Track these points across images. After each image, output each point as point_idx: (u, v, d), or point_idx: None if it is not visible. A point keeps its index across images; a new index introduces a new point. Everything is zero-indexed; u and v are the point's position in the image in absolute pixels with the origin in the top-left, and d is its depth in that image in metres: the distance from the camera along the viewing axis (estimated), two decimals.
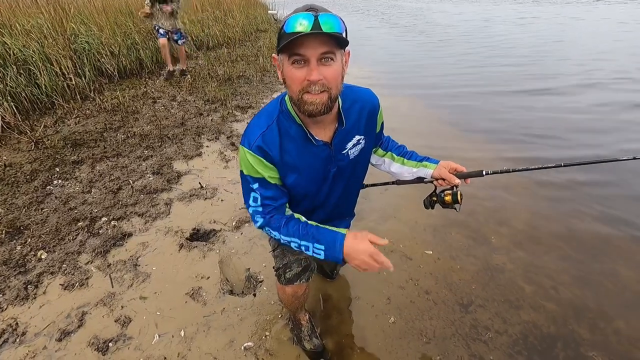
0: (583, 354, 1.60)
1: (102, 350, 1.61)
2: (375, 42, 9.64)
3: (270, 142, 1.08)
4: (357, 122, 1.19)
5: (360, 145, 1.23)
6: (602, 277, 1.99)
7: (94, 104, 4.28)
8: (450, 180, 1.29)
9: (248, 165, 1.10)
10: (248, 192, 1.16)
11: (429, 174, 1.34)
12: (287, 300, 1.48)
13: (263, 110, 1.15)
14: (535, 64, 6.60)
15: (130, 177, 2.91)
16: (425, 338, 1.71)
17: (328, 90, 0.98)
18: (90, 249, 2.17)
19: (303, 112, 1.02)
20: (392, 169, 1.40)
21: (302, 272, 1.36)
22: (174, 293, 1.92)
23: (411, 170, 1.37)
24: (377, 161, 1.43)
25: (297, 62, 0.95)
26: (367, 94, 1.23)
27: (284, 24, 0.93)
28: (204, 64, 6.29)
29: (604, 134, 3.75)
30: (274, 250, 1.40)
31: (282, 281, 1.38)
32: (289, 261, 1.34)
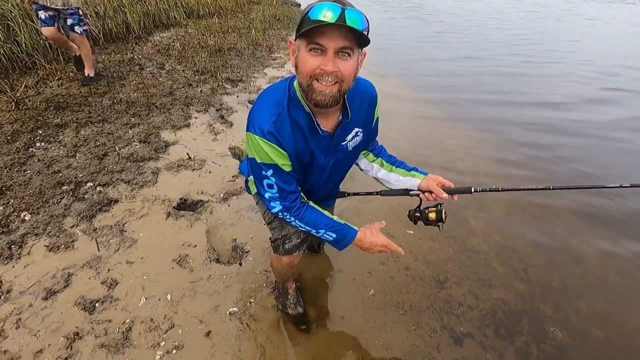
0: (545, 329, 1.74)
1: (88, 310, 1.64)
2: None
3: (282, 130, 1.08)
4: (357, 115, 1.20)
5: (358, 138, 1.27)
6: (568, 262, 2.13)
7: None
8: (438, 194, 1.26)
9: (261, 152, 1.10)
10: (261, 179, 1.17)
11: (416, 183, 1.32)
12: (281, 270, 1.54)
13: (269, 95, 1.12)
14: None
15: (116, 143, 2.86)
16: (402, 310, 1.81)
17: (340, 82, 0.98)
18: (76, 213, 2.16)
19: (310, 101, 1.03)
20: (380, 175, 1.41)
21: (301, 244, 1.42)
22: (161, 259, 1.95)
23: (398, 178, 1.36)
24: (366, 166, 1.43)
25: (315, 50, 0.95)
26: (367, 86, 1.23)
27: (308, 10, 0.93)
28: (193, 33, 6.09)
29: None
30: (271, 223, 1.43)
31: (280, 252, 1.43)
32: (288, 233, 1.38)
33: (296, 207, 1.21)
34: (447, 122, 3.93)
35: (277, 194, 1.18)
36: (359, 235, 1.26)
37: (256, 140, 1.08)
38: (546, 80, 5.33)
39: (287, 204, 1.19)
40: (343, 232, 1.25)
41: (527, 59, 6.37)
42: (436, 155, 3.24)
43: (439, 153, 3.28)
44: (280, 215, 1.24)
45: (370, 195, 1.45)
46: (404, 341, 1.66)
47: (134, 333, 1.58)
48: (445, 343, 1.66)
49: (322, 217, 1.24)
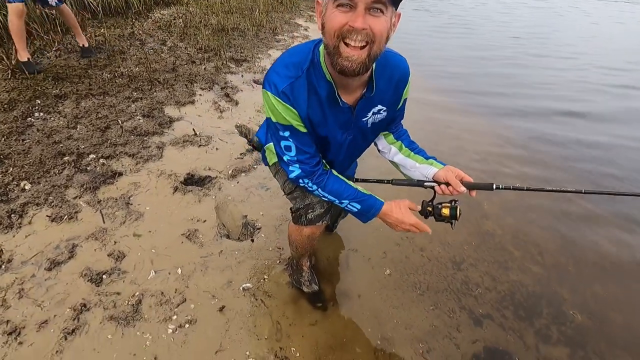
0: (564, 312, 1.71)
1: (95, 282, 1.56)
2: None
3: (298, 94, 1.02)
4: (383, 91, 1.11)
5: (380, 116, 1.18)
6: (584, 247, 2.10)
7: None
8: (456, 187, 1.14)
9: (275, 112, 1.04)
10: (278, 140, 1.11)
11: (432, 172, 1.21)
12: (300, 242, 1.47)
13: (291, 55, 1.05)
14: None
15: (119, 117, 2.75)
16: (419, 290, 1.76)
17: (370, 44, 0.89)
18: (78, 184, 2.06)
19: (335, 66, 0.94)
20: (396, 159, 1.31)
21: (325, 214, 1.34)
22: (169, 233, 1.87)
23: (415, 165, 1.26)
24: (384, 147, 1.33)
25: (343, 5, 0.85)
26: (400, 61, 1.13)
27: None
28: (195, 12, 5.91)
29: None
30: (293, 192, 1.36)
31: (303, 221, 1.35)
32: (312, 202, 1.31)
33: (318, 173, 1.15)
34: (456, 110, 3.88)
35: (295, 157, 1.11)
36: (385, 208, 1.19)
37: (270, 99, 1.02)
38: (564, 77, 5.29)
39: (307, 168, 1.13)
40: (368, 204, 1.19)
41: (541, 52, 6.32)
42: (445, 144, 3.19)
43: (448, 142, 3.24)
44: (300, 182, 1.17)
45: (380, 183, 1.34)
46: (423, 321, 1.61)
47: (144, 306, 1.51)
48: (464, 324, 1.62)
49: (346, 187, 1.18)
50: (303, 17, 7.24)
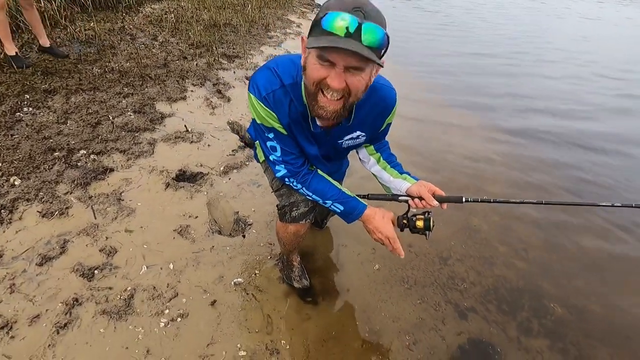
0: (545, 305, 1.78)
1: (87, 277, 1.57)
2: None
3: (280, 104, 1.06)
4: (363, 120, 1.16)
5: (359, 140, 1.25)
6: (566, 242, 2.18)
7: (65, 33, 3.90)
8: (428, 201, 1.21)
9: (259, 114, 1.09)
10: (264, 140, 1.16)
11: (405, 187, 1.27)
12: (287, 239, 1.50)
13: (278, 64, 1.08)
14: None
15: (109, 112, 2.73)
16: (406, 285, 1.81)
17: (346, 96, 0.93)
18: (69, 180, 2.06)
19: (311, 110, 0.99)
20: (374, 170, 1.39)
21: (308, 212, 1.37)
22: (161, 229, 1.88)
23: (390, 178, 1.32)
24: (364, 157, 1.40)
25: (323, 60, 0.87)
26: (385, 96, 1.17)
27: (323, 15, 0.83)
28: (187, 7, 5.86)
29: None
30: (279, 190, 1.40)
31: (287, 219, 1.39)
32: (297, 200, 1.35)
33: (302, 173, 1.20)
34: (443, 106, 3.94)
35: (280, 157, 1.17)
36: (367, 213, 1.23)
37: (254, 102, 1.07)
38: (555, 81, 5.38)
39: (292, 168, 1.18)
40: (351, 205, 1.23)
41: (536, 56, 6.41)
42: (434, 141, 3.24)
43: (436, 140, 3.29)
44: (286, 181, 1.23)
45: (358, 197, 1.37)
46: (410, 314, 1.66)
47: (136, 300, 1.52)
48: (450, 317, 1.67)
49: (330, 187, 1.23)
50: (296, 13, 7.23)
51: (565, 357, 1.56)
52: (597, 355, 1.58)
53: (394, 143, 2.81)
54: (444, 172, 2.77)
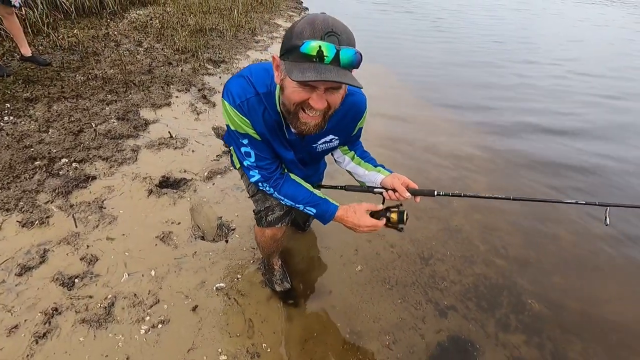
0: (523, 301, 1.81)
1: (67, 286, 1.57)
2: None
3: (254, 111, 1.09)
4: (336, 125, 1.19)
5: (332, 144, 1.29)
6: (545, 240, 2.22)
7: (48, 40, 3.89)
8: (402, 193, 1.24)
9: (233, 121, 1.11)
10: (238, 146, 1.18)
11: (379, 179, 1.31)
12: (265, 243, 1.52)
13: (252, 73, 1.10)
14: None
15: (92, 120, 2.73)
16: (388, 285, 1.84)
17: (326, 111, 0.98)
18: (50, 189, 2.05)
19: (293, 127, 1.04)
20: (349, 167, 1.42)
21: (284, 216, 1.40)
22: (143, 236, 1.89)
23: (365, 172, 1.37)
24: (339, 157, 1.44)
25: (304, 84, 0.90)
26: (356, 102, 1.21)
27: (299, 41, 0.84)
28: (172, 12, 5.86)
29: None
30: (255, 195, 1.41)
31: (263, 223, 1.41)
32: (271, 204, 1.37)
33: (275, 177, 1.22)
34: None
35: (254, 163, 1.19)
36: (340, 213, 1.25)
37: (228, 109, 1.09)
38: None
39: (265, 174, 1.20)
40: (322, 208, 1.25)
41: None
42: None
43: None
44: (260, 186, 1.25)
45: (334, 188, 1.45)
46: (391, 314, 1.69)
47: (116, 308, 1.52)
48: (430, 315, 1.70)
49: (301, 190, 1.24)
50: (283, 17, 7.26)
51: (541, 351, 1.60)
52: (572, 349, 1.62)
53: (378, 143, 2.86)
54: (428, 172, 2.81)
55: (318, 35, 0.84)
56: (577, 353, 1.60)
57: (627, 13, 13.27)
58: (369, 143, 2.84)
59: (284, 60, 0.91)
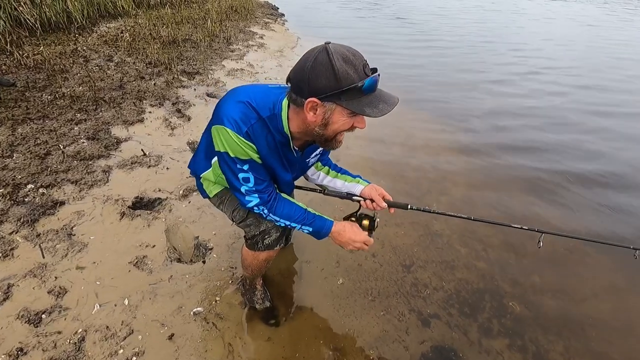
0: (504, 304, 1.83)
1: (34, 322, 1.49)
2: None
3: (259, 136, 1.09)
4: None
5: (318, 155, 1.37)
6: (523, 240, 2.25)
7: (11, 59, 3.74)
8: (378, 203, 1.35)
9: (235, 148, 1.08)
10: (235, 173, 1.14)
11: (359, 189, 1.39)
12: (257, 266, 1.50)
13: (252, 96, 1.09)
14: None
15: (60, 141, 2.63)
16: (370, 297, 1.82)
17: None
18: (15, 218, 1.96)
19: (328, 147, 1.13)
20: (325, 182, 1.46)
21: (281, 237, 1.40)
22: (116, 262, 1.82)
23: (344, 184, 1.43)
24: (313, 174, 1.48)
25: (353, 114, 1.00)
26: None
27: (356, 81, 0.93)
28: (144, 24, 5.74)
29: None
30: (245, 220, 1.37)
31: (260, 248, 1.39)
32: (267, 228, 1.35)
33: (272, 199, 1.22)
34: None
35: (254, 187, 1.16)
36: (337, 228, 1.28)
37: (231, 136, 1.06)
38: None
39: (264, 197, 1.19)
40: (318, 225, 1.27)
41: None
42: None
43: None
44: (256, 209, 1.22)
45: (314, 192, 1.48)
46: (374, 327, 1.67)
47: (87, 343, 1.45)
48: (413, 325, 1.69)
49: (296, 209, 1.25)
50: (258, 24, 7.23)
51: (524, 355, 1.60)
52: (554, 349, 1.64)
53: (355, 152, 2.85)
54: (407, 178, 2.82)
55: (360, 70, 0.95)
56: (559, 353, 1.62)
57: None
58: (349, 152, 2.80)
59: (336, 102, 0.97)
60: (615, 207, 2.60)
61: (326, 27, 8.02)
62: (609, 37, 8.70)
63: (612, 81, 5.43)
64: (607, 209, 2.58)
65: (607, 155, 3.32)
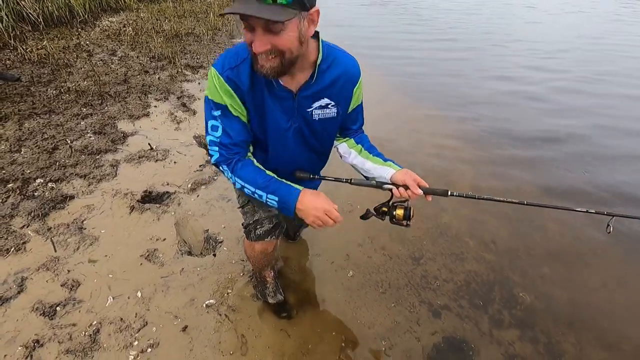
0: (515, 295, 1.83)
1: (49, 315, 1.50)
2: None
3: (243, 76, 1.04)
4: (330, 86, 1.13)
5: (329, 112, 1.18)
6: (532, 232, 2.25)
7: (15, 54, 3.73)
8: (414, 190, 1.16)
9: (213, 88, 1.05)
10: (208, 118, 1.10)
11: (390, 173, 1.22)
12: (255, 258, 1.48)
13: (238, 46, 1.08)
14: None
15: (67, 136, 2.63)
16: (381, 289, 1.82)
17: (280, 55, 0.92)
18: (25, 212, 1.97)
19: (257, 71, 0.98)
20: (356, 162, 1.33)
21: (273, 229, 1.35)
22: (127, 255, 1.82)
23: (374, 167, 1.27)
24: (345, 152, 1.35)
25: (246, 26, 0.88)
26: (349, 62, 1.15)
27: None
28: (146, 17, 5.71)
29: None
30: (244, 207, 1.36)
31: (252, 237, 1.36)
32: (260, 217, 1.32)
33: (235, 159, 1.13)
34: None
35: (218, 139, 1.10)
36: (302, 196, 1.10)
37: (214, 75, 1.05)
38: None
39: (225, 154, 1.11)
40: (282, 193, 1.11)
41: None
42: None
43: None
44: (220, 168, 1.15)
45: (339, 181, 1.29)
46: (385, 318, 1.67)
47: (102, 335, 1.47)
48: (424, 317, 1.70)
49: (260, 174, 1.13)
50: None
51: (535, 345, 1.61)
52: (566, 340, 1.64)
53: None
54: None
55: None
56: (570, 344, 1.62)
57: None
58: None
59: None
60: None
61: (327, 18, 7.95)
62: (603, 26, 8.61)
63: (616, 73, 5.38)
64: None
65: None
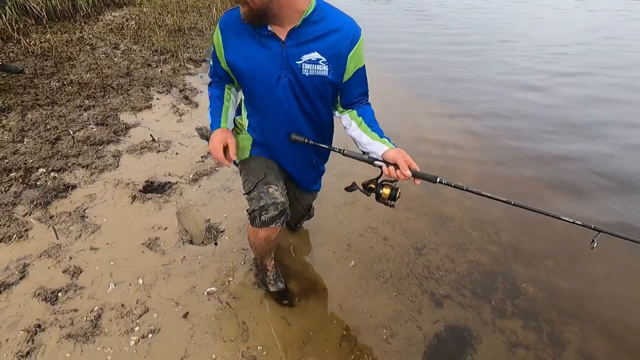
0: (518, 286, 1.81)
1: (50, 300, 1.51)
2: None
3: (231, 22, 1.19)
4: (320, 39, 1.17)
5: (320, 68, 1.18)
6: (536, 224, 2.23)
7: (18, 47, 3.74)
8: (403, 170, 1.15)
9: (214, 34, 1.25)
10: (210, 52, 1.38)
11: (382, 150, 1.22)
12: (258, 245, 1.47)
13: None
14: None
15: (69, 127, 2.63)
16: (382, 278, 1.81)
17: (245, 4, 1.07)
18: (28, 201, 1.97)
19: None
20: (354, 134, 1.33)
21: (278, 216, 1.34)
22: (129, 243, 1.82)
23: (369, 141, 1.28)
24: (347, 123, 1.36)
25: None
26: (345, 20, 1.19)
27: None
28: (149, 12, 5.70)
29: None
30: (249, 193, 1.35)
31: (257, 223, 1.35)
32: (266, 204, 1.31)
33: (213, 81, 1.40)
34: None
35: (211, 69, 1.37)
36: (214, 130, 1.31)
37: (217, 27, 1.24)
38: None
39: (209, 76, 1.41)
40: (212, 124, 1.33)
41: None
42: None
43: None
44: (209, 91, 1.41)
45: (332, 150, 1.34)
46: (387, 307, 1.67)
47: (103, 320, 1.47)
48: (426, 306, 1.69)
49: (215, 101, 1.36)
50: None
51: (538, 335, 1.60)
52: (569, 330, 1.63)
53: None
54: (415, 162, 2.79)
55: None
56: (574, 334, 1.61)
57: None
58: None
59: None
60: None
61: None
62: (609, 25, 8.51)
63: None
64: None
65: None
